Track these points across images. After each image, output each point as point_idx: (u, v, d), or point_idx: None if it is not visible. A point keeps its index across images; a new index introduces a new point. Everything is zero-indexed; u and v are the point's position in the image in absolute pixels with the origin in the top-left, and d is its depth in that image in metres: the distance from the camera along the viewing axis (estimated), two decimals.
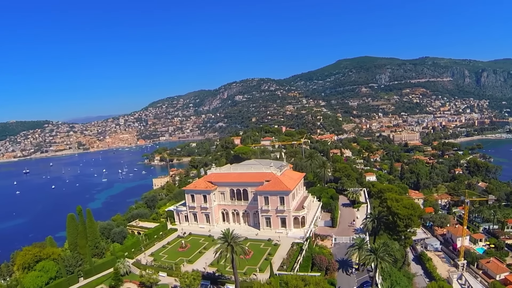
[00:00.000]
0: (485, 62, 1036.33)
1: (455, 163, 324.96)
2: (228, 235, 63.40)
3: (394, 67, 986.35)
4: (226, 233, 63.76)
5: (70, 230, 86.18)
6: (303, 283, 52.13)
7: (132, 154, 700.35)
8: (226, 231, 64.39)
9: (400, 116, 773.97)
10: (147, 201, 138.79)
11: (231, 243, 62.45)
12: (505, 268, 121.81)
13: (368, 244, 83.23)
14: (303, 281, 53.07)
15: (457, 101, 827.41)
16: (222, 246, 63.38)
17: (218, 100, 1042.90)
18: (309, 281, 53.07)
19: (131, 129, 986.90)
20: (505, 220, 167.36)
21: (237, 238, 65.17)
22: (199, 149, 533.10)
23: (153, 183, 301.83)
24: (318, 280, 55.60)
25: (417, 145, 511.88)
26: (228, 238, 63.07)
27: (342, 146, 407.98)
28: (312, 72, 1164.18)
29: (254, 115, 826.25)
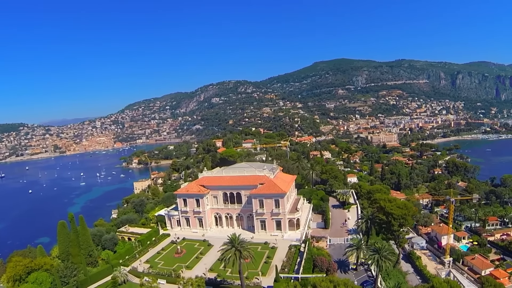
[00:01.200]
0: (460, 65, 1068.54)
1: (433, 164, 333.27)
2: (235, 240, 62.48)
3: (370, 69, 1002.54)
4: (232, 238, 62.83)
5: (61, 238, 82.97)
6: (332, 284, 51.86)
7: (110, 157, 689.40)
8: (233, 236, 63.47)
9: (377, 117, 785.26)
10: (135, 206, 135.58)
11: (238, 248, 61.46)
12: (490, 264, 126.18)
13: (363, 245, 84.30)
14: (331, 282, 52.81)
15: (433, 102, 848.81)
16: (230, 251, 62.22)
17: (194, 102, 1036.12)
18: (337, 282, 52.90)
19: (108, 132, 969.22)
20: (486, 218, 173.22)
21: (243, 242, 64.20)
22: (177, 152, 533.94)
23: (134, 186, 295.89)
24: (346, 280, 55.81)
25: (395, 146, 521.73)
26: (235, 242, 62.13)
27: (321, 148, 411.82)
28: (288, 74, 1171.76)
29: (231, 117, 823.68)
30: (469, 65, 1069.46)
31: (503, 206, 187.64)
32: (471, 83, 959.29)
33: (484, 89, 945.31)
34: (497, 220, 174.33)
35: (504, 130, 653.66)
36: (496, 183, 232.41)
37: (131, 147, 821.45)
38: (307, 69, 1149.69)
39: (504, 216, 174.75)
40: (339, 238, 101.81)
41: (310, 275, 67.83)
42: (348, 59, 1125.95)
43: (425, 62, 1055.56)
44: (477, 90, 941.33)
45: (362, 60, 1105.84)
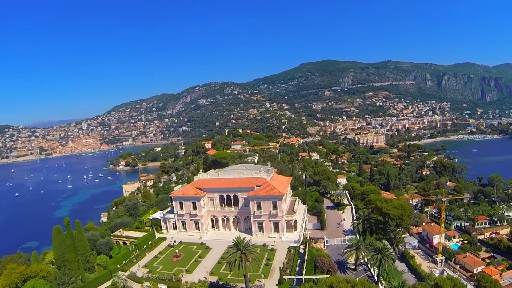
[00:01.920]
0: (446, 66, 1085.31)
1: (421, 164, 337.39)
2: (241, 243, 62.03)
3: (357, 70, 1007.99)
4: (237, 241, 62.34)
5: (56, 243, 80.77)
6: (349, 284, 51.82)
7: (96, 159, 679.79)
8: (238, 239, 62.97)
9: (364, 119, 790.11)
10: (129, 209, 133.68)
11: (244, 251, 61.03)
12: (481, 262, 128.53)
13: None
14: (348, 282, 52.79)
15: (420, 103, 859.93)
16: (235, 254, 61.72)
17: (181, 104, 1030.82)
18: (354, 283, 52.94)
19: (94, 134, 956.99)
20: (475, 217, 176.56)
21: (249, 245, 63.80)
22: (164, 154, 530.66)
23: (123, 189, 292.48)
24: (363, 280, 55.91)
25: (382, 147, 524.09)
26: (240, 245, 61.65)
27: (309, 149, 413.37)
28: (275, 75, 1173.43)
29: (217, 119, 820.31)
30: (454, 67, 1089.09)
31: (491, 206, 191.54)
32: (457, 84, 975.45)
33: (470, 90, 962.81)
34: (486, 219, 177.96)
35: (490, 131, 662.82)
36: (483, 183, 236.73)
37: (118, 149, 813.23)
38: (293, 70, 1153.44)
39: (493, 215, 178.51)
40: (336, 239, 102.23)
41: (313, 276, 67.85)
42: (334, 61, 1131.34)
43: (411, 63, 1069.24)
44: (462, 91, 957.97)
45: (348, 62, 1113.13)
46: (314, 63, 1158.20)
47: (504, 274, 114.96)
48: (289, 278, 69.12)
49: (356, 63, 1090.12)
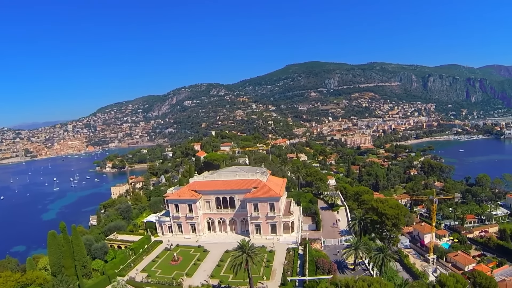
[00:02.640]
0: (431, 68, 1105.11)
1: (409, 165, 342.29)
2: (245, 245, 61.65)
3: (343, 72, 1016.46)
4: (243, 243, 61.96)
5: (52, 249, 78.60)
6: (366, 283, 51.95)
7: (82, 161, 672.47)
8: (243, 241, 62.57)
9: (350, 120, 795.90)
10: (122, 212, 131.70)
11: (249, 254, 60.66)
12: (472, 259, 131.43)
13: None
14: (363, 281, 52.91)
15: (405, 104, 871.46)
16: (242, 257, 61.23)
17: (167, 105, 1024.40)
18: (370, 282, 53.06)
19: (80, 136, 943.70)
20: (464, 216, 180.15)
21: (254, 247, 63.48)
22: (151, 156, 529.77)
23: (111, 191, 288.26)
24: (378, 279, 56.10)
25: (369, 148, 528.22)
26: (245, 248, 61.28)
27: (296, 151, 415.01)
28: (260, 77, 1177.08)
29: (203, 120, 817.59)
30: (440, 68, 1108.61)
31: (479, 205, 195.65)
32: (442, 86, 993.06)
33: (455, 91, 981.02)
34: (474, 218, 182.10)
35: (475, 131, 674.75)
36: (471, 183, 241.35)
37: (104, 151, 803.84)
38: (279, 72, 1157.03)
39: (481, 214, 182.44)
40: (333, 239, 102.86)
41: (316, 277, 68.00)
42: (320, 62, 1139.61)
43: (397, 65, 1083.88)
44: (448, 92, 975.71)
45: (334, 63, 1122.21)
46: (300, 64, 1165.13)
47: (495, 271, 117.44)
48: (292, 279, 69.01)
49: (342, 65, 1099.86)
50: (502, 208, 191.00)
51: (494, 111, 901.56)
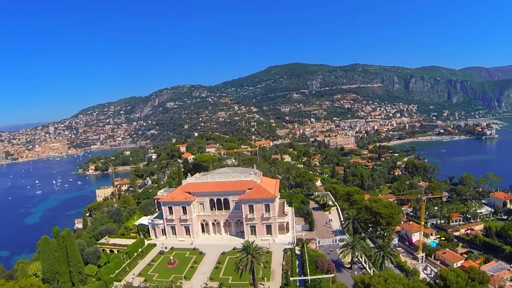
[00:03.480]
0: (413, 69, 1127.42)
1: (393, 165, 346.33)
2: (250, 246, 61.27)
3: (325, 73, 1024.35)
4: (247, 245, 61.56)
5: (45, 255, 76.20)
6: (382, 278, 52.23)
7: (64, 164, 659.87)
8: (247, 243, 62.19)
9: (333, 121, 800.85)
10: (112, 215, 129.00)
11: (254, 255, 60.30)
12: (460, 256, 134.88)
13: None
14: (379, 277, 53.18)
15: (387, 106, 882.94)
16: (247, 258, 60.78)
17: (149, 107, 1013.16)
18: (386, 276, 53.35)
19: (62, 138, 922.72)
20: (450, 215, 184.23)
21: (258, 249, 63.15)
22: (134, 157, 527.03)
23: (96, 194, 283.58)
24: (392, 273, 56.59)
25: (353, 149, 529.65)
26: (249, 249, 60.89)
27: (280, 152, 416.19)
28: (242, 78, 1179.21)
29: (186, 122, 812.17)
30: (421, 69, 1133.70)
31: (464, 203, 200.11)
32: (424, 87, 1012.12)
33: (436, 92, 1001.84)
34: (459, 216, 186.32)
35: (457, 132, 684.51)
36: (455, 182, 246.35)
37: (86, 153, 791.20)
38: (261, 73, 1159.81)
39: (466, 212, 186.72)
40: (327, 239, 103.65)
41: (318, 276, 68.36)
42: (302, 64, 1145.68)
43: (379, 66, 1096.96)
44: (429, 94, 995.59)
45: (316, 65, 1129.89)
46: (282, 66, 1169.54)
47: (483, 268, 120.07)
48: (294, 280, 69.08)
49: (324, 66, 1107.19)
50: (486, 206, 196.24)
51: (475, 112, 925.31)
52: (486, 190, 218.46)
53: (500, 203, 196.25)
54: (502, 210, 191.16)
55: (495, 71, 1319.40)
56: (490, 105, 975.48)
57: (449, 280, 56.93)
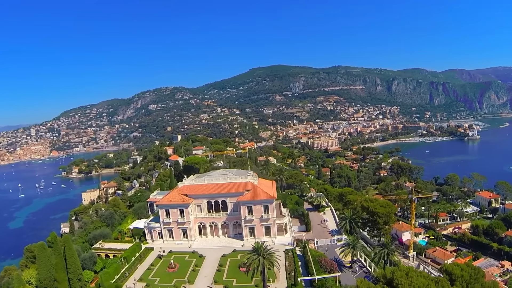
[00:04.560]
0: (395, 71, 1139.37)
1: (378, 166, 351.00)
2: (260, 248, 60.98)
3: (307, 75, 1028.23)
4: (257, 246, 61.26)
5: (42, 262, 73.68)
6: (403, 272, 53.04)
7: (47, 167, 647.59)
8: (257, 244, 61.81)
9: (315, 123, 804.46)
10: (105, 219, 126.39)
11: (266, 256, 60.04)
12: (450, 254, 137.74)
13: None
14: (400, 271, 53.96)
15: (370, 108, 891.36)
16: (258, 260, 60.42)
17: (132, 109, 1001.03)
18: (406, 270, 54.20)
19: (43, 140, 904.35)
20: (437, 214, 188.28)
21: (269, 250, 62.91)
22: (118, 160, 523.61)
23: (82, 197, 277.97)
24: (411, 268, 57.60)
25: (337, 150, 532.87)
26: (260, 251, 60.60)
27: (264, 154, 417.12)
28: (225, 80, 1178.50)
29: (169, 124, 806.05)
30: (404, 72, 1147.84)
31: (450, 203, 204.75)
32: (406, 89, 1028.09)
33: (419, 94, 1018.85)
34: (446, 215, 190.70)
35: (440, 133, 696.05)
36: (440, 182, 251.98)
37: (68, 156, 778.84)
38: (243, 75, 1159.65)
39: (453, 211, 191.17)
40: (325, 239, 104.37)
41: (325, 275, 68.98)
42: (285, 66, 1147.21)
43: (361, 68, 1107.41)
44: (412, 96, 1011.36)
45: (299, 67, 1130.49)
46: (265, 68, 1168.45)
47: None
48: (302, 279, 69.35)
49: (307, 68, 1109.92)
50: (472, 205, 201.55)
51: (456, 114, 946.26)
52: (471, 189, 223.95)
53: (486, 202, 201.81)
54: (488, 209, 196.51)
55: (476, 74, 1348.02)
56: (471, 107, 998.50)
57: (454, 274, 58.04)
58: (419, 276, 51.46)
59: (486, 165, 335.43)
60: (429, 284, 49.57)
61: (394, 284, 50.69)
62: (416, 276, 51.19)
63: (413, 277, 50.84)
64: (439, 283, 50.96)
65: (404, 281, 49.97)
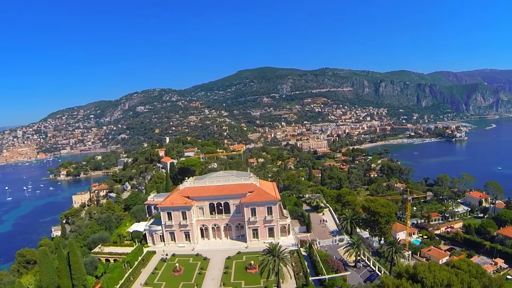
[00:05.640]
0: (382, 73, 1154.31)
1: (368, 167, 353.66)
2: (275, 249, 61.07)
3: (295, 77, 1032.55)
4: (272, 247, 61.33)
5: (44, 268, 72.06)
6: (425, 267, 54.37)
7: (34, 169, 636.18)
8: (271, 245, 61.88)
9: (303, 125, 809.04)
10: (103, 222, 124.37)
11: (281, 257, 60.15)
12: (445, 253, 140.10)
13: None
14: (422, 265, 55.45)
15: (358, 109, 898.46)
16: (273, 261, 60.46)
17: (119, 111, 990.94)
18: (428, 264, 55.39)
19: (30, 142, 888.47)
20: (429, 214, 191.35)
21: (283, 251, 63.06)
22: (106, 162, 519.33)
23: (72, 200, 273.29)
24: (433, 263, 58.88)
25: (326, 152, 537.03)
26: (275, 252, 60.69)
27: (254, 155, 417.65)
28: (212, 82, 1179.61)
29: (157, 126, 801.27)
30: (391, 74, 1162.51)
31: (441, 203, 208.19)
32: (394, 91, 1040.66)
33: (406, 96, 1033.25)
34: (438, 215, 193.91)
35: (428, 134, 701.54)
36: (430, 183, 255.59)
37: (56, 158, 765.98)
38: (231, 77, 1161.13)
39: (444, 211, 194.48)
40: (327, 239, 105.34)
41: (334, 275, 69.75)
42: (273, 68, 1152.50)
43: (349, 70, 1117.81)
44: (399, 97, 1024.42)
45: (286, 69, 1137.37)
46: (252, 70, 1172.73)
47: None
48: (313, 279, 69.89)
49: (295, 70, 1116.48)
50: (463, 205, 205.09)
51: (443, 115, 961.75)
52: (461, 190, 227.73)
53: (476, 202, 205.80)
54: (478, 209, 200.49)
55: (462, 76, 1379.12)
56: (458, 109, 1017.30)
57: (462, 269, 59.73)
58: (441, 270, 53.12)
59: (475, 166, 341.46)
60: (450, 277, 51.45)
61: (419, 278, 52.62)
62: (438, 270, 52.99)
63: (435, 271, 52.82)
64: (458, 275, 52.89)
65: (428, 275, 51.92)
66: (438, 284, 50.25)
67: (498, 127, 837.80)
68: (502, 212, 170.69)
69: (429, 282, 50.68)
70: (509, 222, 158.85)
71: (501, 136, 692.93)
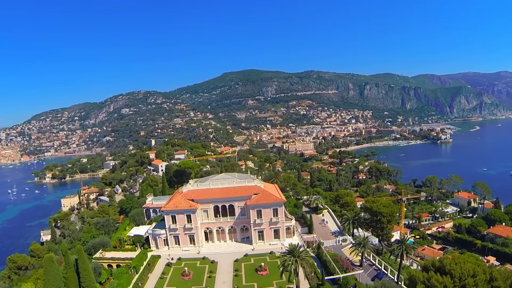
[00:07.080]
0: (367, 76, 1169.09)
1: (355, 170, 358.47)
2: (295, 250, 61.67)
3: (280, 80, 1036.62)
4: (291, 248, 61.95)
5: (50, 276, 69.50)
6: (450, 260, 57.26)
7: (18, 172, 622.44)
8: (291, 246, 62.47)
9: (289, 127, 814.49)
10: (101, 227, 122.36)
11: (303, 257, 60.81)
12: (439, 252, 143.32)
13: None
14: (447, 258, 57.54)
15: (343, 112, 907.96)
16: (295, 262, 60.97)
17: (104, 113, 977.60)
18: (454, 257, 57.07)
19: (14, 144, 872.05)
20: (420, 215, 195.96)
21: (303, 252, 63.71)
22: (92, 165, 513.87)
23: (61, 203, 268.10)
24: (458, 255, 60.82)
25: (313, 154, 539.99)
26: (295, 252, 61.30)
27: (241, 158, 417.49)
28: (197, 84, 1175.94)
29: (142, 128, 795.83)
30: (376, 77, 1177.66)
31: (431, 204, 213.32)
32: (378, 93, 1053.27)
33: (391, 99, 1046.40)
34: (428, 216, 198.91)
35: (413, 137, 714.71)
36: (418, 184, 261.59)
37: (40, 160, 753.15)
38: (216, 79, 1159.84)
39: (434, 212, 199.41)
40: (331, 240, 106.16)
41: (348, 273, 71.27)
42: (258, 70, 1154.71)
43: (334, 73, 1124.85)
44: (384, 100, 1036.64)
45: (271, 71, 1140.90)
46: (237, 72, 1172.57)
47: None
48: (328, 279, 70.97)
49: (279, 73, 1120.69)
50: (452, 206, 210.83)
51: (428, 118, 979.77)
52: (449, 191, 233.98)
53: (465, 202, 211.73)
54: (467, 209, 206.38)
55: (446, 79, 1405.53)
56: (442, 111, 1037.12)
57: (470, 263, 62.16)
58: (466, 262, 55.94)
59: (461, 167, 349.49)
60: (475, 268, 54.34)
61: (446, 269, 55.01)
62: (463, 262, 55.65)
63: (461, 263, 55.34)
64: (480, 266, 56.20)
65: (455, 267, 54.40)
66: (465, 275, 52.94)
67: (481, 129, 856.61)
68: (491, 211, 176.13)
69: (457, 273, 53.24)
70: (499, 221, 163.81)
71: (485, 138, 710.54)
